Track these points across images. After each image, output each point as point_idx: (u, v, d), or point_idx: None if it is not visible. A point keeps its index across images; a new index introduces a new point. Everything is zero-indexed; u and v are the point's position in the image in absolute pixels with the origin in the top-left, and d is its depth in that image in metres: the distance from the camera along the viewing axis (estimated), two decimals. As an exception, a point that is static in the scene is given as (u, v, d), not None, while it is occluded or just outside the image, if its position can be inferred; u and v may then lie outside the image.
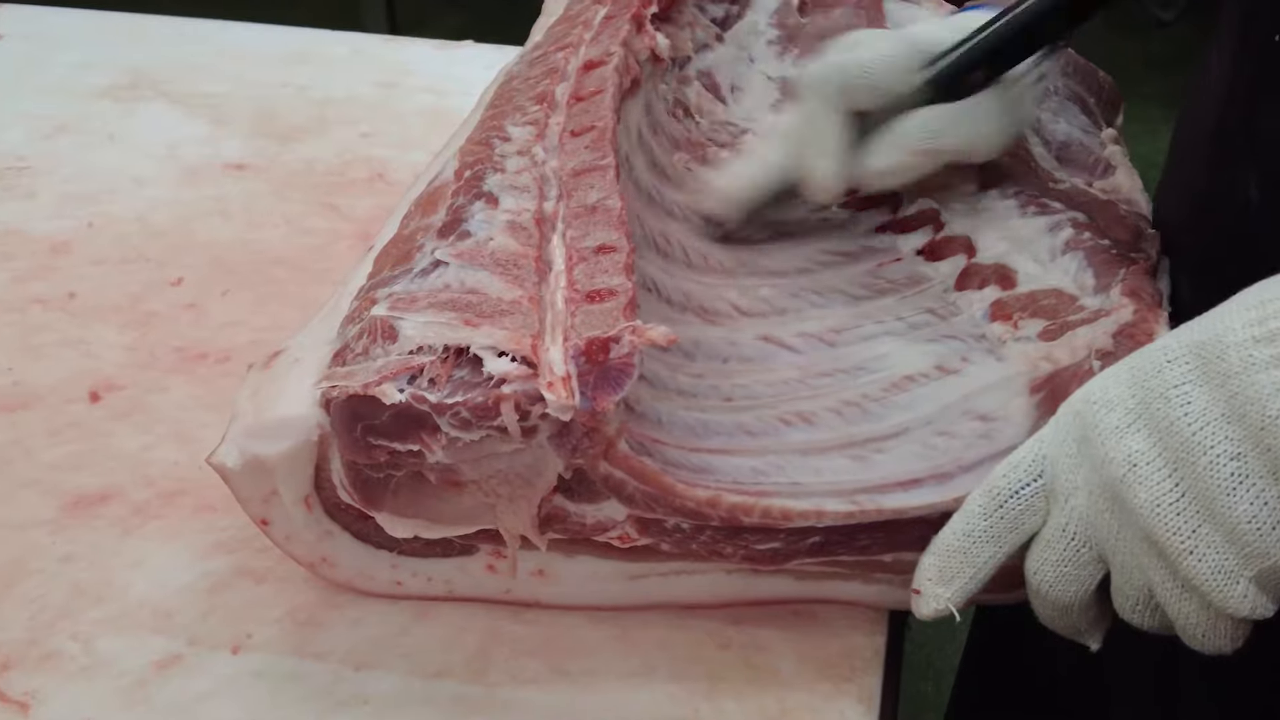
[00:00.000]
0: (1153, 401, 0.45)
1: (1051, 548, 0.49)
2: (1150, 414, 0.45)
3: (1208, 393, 0.44)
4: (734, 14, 0.93)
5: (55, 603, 0.60)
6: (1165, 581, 0.46)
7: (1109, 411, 0.47)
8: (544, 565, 0.58)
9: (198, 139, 0.94)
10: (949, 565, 0.51)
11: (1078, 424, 0.48)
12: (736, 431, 0.60)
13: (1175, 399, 0.45)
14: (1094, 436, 0.47)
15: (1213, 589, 0.45)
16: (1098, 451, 0.47)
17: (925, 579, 0.51)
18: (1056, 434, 0.49)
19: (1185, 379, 0.45)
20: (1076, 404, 0.49)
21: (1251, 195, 0.61)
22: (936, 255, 0.71)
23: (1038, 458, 0.49)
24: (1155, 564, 0.46)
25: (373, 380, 0.50)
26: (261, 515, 0.56)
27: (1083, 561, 0.49)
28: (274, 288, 0.79)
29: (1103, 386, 0.48)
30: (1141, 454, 0.45)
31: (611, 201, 0.60)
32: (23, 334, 0.75)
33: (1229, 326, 0.44)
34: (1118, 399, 0.47)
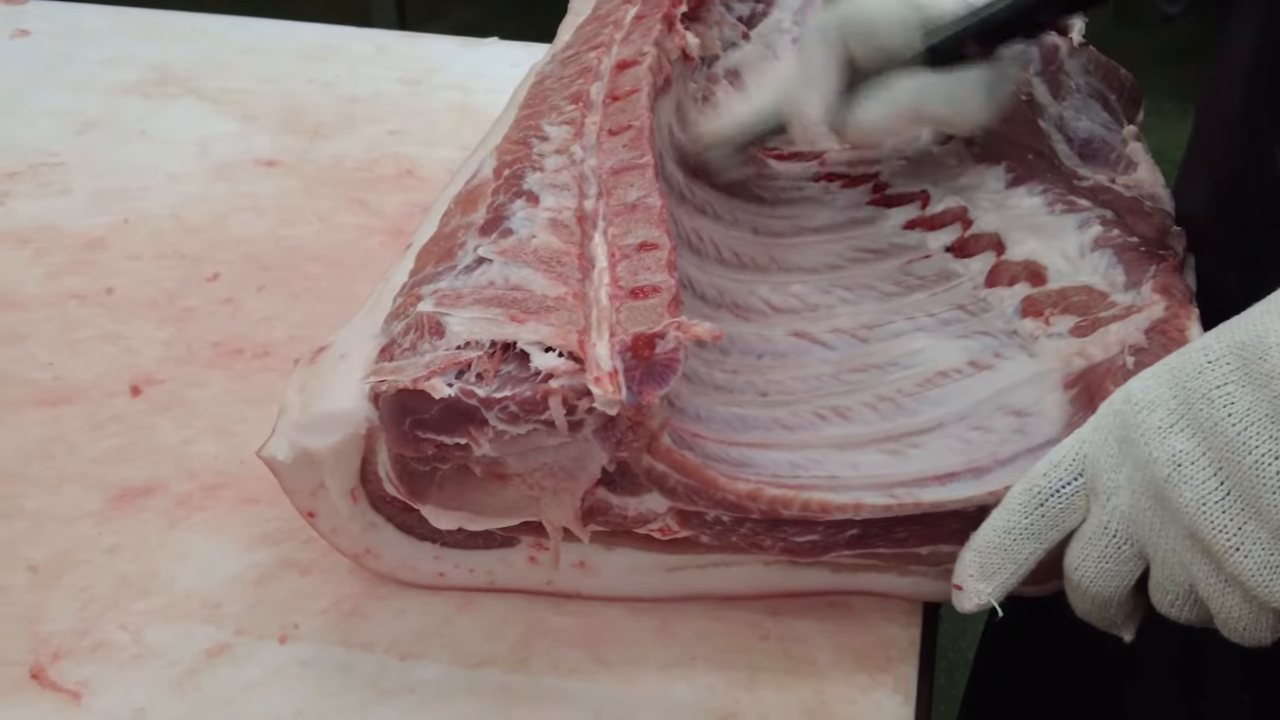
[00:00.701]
0: (1195, 402, 0.46)
1: (1093, 545, 0.50)
2: (1193, 414, 0.46)
3: (1251, 393, 0.45)
4: (759, 12, 0.94)
5: (103, 594, 0.61)
6: (1209, 577, 0.47)
7: (1151, 412, 0.48)
8: (585, 557, 0.59)
9: (228, 135, 0.95)
10: (990, 561, 0.52)
11: (1119, 424, 0.49)
12: (773, 426, 0.61)
13: (1218, 400, 0.46)
14: (1137, 437, 0.48)
15: (1259, 584, 0.46)
16: (1141, 452, 0.48)
17: (967, 575, 0.52)
18: (1097, 433, 0.50)
19: (1227, 380, 0.46)
20: (1117, 404, 0.49)
21: (1278, 168, 0.62)
22: (966, 252, 0.72)
23: (1078, 456, 0.50)
24: (1199, 560, 0.47)
25: (422, 375, 0.51)
26: (308, 508, 0.57)
27: (1124, 558, 0.50)
28: (308, 283, 0.80)
29: (1144, 387, 0.49)
30: (1186, 454, 0.46)
31: (652, 199, 0.60)
32: (62, 329, 0.76)
33: (1270, 328, 0.45)
34: (1159, 400, 0.48)
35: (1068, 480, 0.51)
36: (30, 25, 1.11)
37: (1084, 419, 0.57)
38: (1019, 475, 0.55)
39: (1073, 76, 0.92)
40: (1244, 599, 0.47)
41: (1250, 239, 0.66)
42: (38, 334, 0.76)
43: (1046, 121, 0.87)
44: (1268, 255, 0.65)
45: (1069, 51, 0.93)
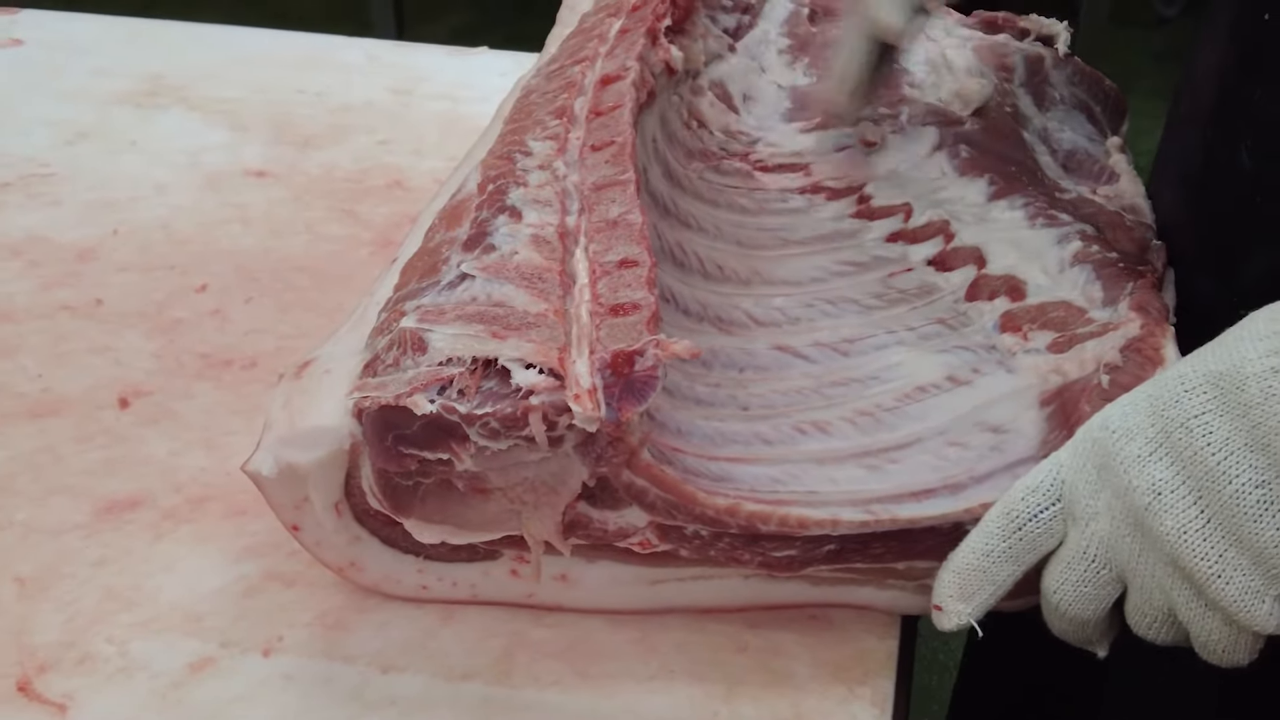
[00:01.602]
0: (1174, 431, 0.47)
1: (1072, 569, 0.51)
2: (1172, 443, 0.47)
3: (1229, 422, 0.46)
4: (745, 24, 0.95)
5: (89, 606, 0.61)
6: (1189, 602, 0.48)
7: (1129, 440, 0.48)
8: (566, 570, 0.60)
9: (217, 146, 0.96)
10: (969, 583, 0.53)
11: (1097, 451, 0.50)
12: (753, 440, 0.61)
13: (1197, 429, 0.46)
14: (1116, 465, 0.49)
15: (1239, 610, 0.47)
16: (1120, 479, 0.48)
17: (946, 595, 0.53)
18: (1075, 458, 0.51)
19: (1205, 408, 0.47)
20: (1095, 430, 0.50)
21: (1245, 164, 0.63)
22: (947, 266, 0.72)
23: (1056, 481, 0.51)
24: (1179, 586, 0.48)
25: (404, 391, 0.52)
26: (293, 521, 0.58)
27: (1102, 582, 0.51)
28: (296, 294, 0.81)
29: (1122, 414, 0.49)
30: (1166, 482, 0.47)
31: (633, 216, 0.61)
32: (52, 341, 0.77)
33: (1245, 357, 0.46)
34: (1137, 428, 0.48)
35: (1046, 505, 0.51)
36: (22, 34, 1.12)
37: (1059, 437, 0.58)
38: (994, 493, 0.56)
39: (1057, 88, 0.93)
40: (1224, 623, 0.48)
41: (1220, 234, 0.68)
42: (28, 346, 0.76)
43: (1031, 133, 0.88)
44: (1238, 250, 0.66)
45: (1054, 62, 0.94)
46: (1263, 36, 0.63)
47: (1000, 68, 0.90)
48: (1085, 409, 0.58)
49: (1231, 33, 0.66)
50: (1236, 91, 0.65)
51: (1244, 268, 0.66)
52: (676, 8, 0.82)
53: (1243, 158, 0.64)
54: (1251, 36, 0.64)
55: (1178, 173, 0.75)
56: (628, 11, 0.81)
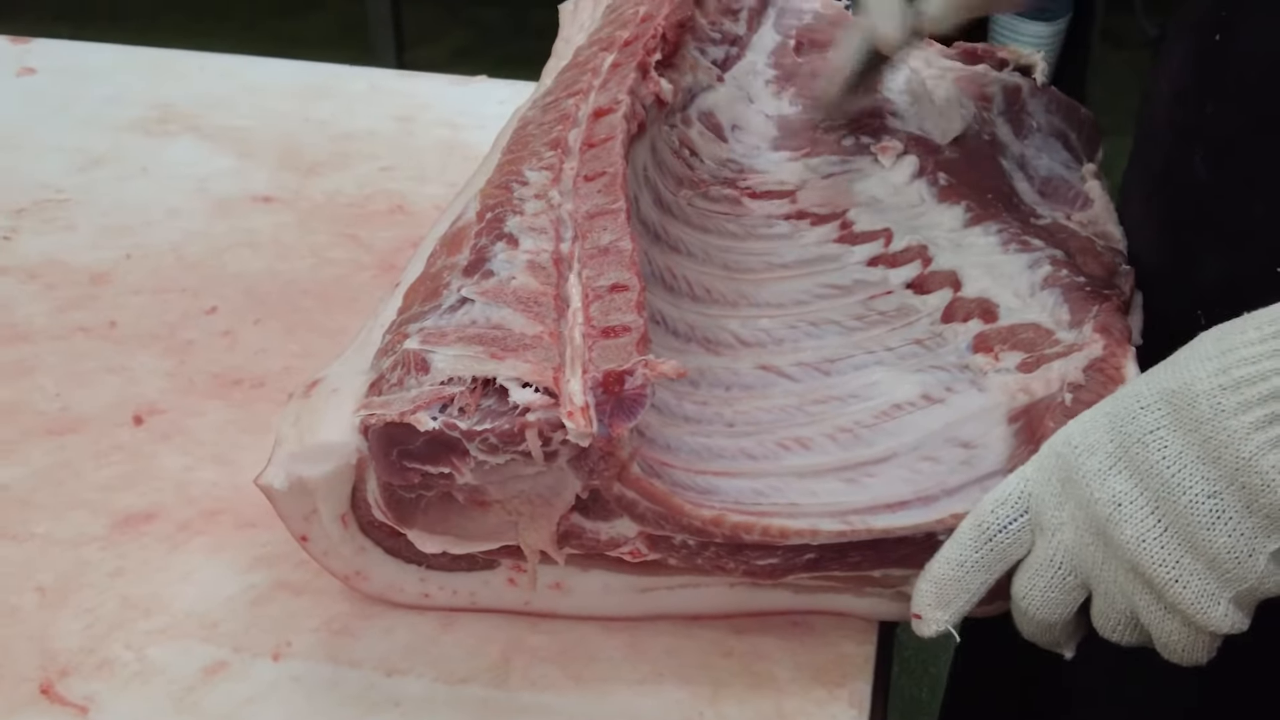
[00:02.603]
0: (1131, 446, 0.51)
1: (1040, 576, 0.55)
2: (1130, 457, 0.51)
3: (1182, 437, 0.49)
4: (733, 55, 0.99)
5: (108, 614, 0.64)
6: (1150, 606, 0.52)
7: (1090, 455, 0.52)
8: (561, 579, 0.63)
9: (226, 172, 0.99)
10: (945, 592, 0.56)
11: (1060, 465, 0.53)
12: (738, 455, 0.65)
13: (1152, 444, 0.50)
14: (1078, 478, 0.52)
15: (1196, 612, 0.50)
16: (1083, 492, 0.52)
17: (925, 604, 0.57)
18: (1040, 472, 0.54)
19: (1159, 424, 0.50)
20: (1058, 445, 0.54)
21: (1199, 171, 0.68)
22: (924, 289, 0.76)
23: (1023, 494, 0.55)
24: (1140, 590, 0.52)
25: (408, 409, 0.55)
26: (302, 532, 0.61)
27: (1068, 588, 0.54)
28: (302, 316, 0.84)
29: (1082, 430, 0.53)
30: (1125, 494, 0.51)
31: (624, 243, 0.65)
32: (68, 361, 0.80)
33: (1195, 376, 0.49)
34: (1098, 444, 0.52)
35: (1014, 517, 0.55)
36: (35, 63, 1.15)
37: (1025, 452, 0.62)
38: (965, 504, 0.60)
39: (1034, 116, 0.97)
40: (1183, 624, 0.52)
41: (1178, 218, 0.72)
42: (45, 366, 0.80)
43: (1008, 160, 0.92)
44: (1193, 231, 0.70)
45: (1031, 92, 0.98)
46: (1213, 56, 0.67)
47: (979, 97, 0.94)
48: (1049, 425, 0.62)
49: (1186, 51, 0.71)
50: (1192, 106, 0.69)
51: (1201, 274, 0.70)
52: (666, 42, 0.86)
53: (1197, 168, 0.68)
54: (1204, 55, 0.68)
55: (1141, 183, 0.80)
56: (619, 46, 0.85)
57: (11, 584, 0.66)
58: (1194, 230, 0.71)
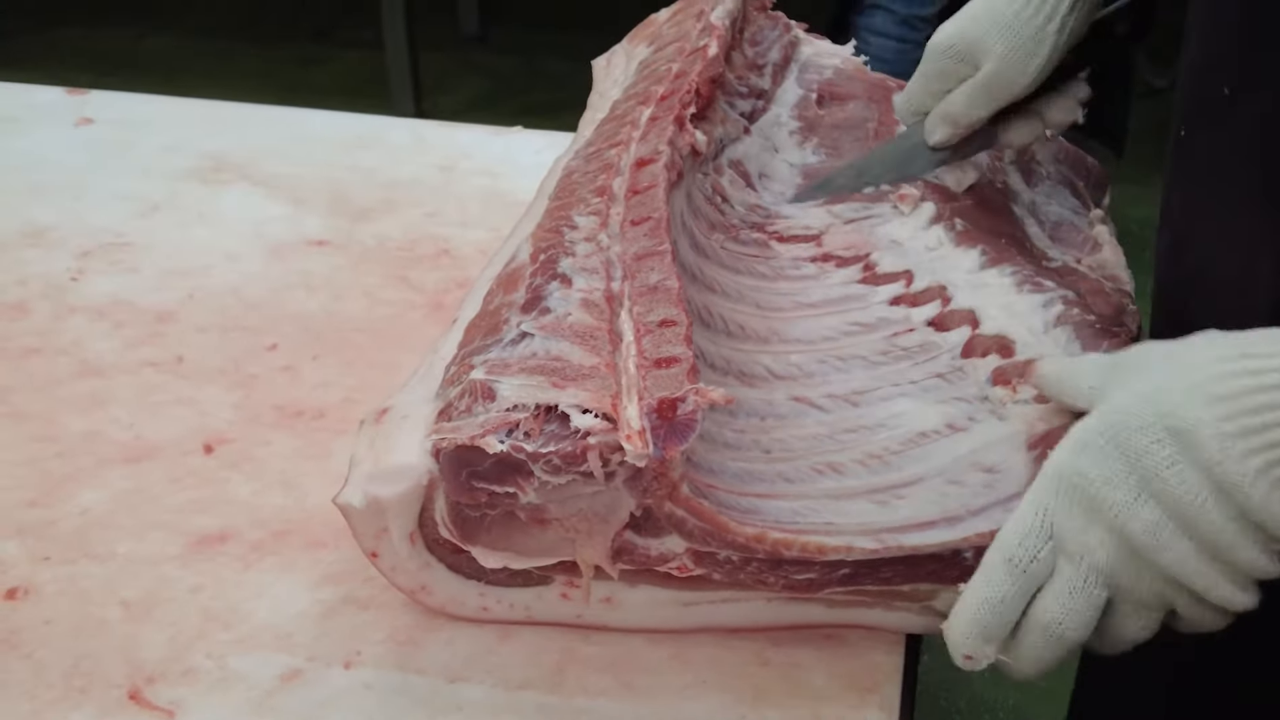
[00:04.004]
0: (1151, 480, 0.56)
1: (1073, 597, 0.59)
2: (1153, 490, 0.56)
3: (1197, 473, 0.55)
4: (759, 108, 1.05)
5: (189, 626, 0.69)
6: (1189, 604, 0.58)
7: (1114, 488, 0.57)
8: (611, 593, 0.68)
9: (280, 218, 1.05)
10: (989, 628, 0.60)
11: (1080, 496, 0.58)
12: (776, 479, 0.70)
13: (1171, 479, 0.56)
14: (1105, 509, 0.57)
15: (1230, 603, 0.57)
16: (1114, 521, 0.57)
17: (973, 644, 0.60)
18: (1059, 501, 0.59)
19: (1174, 460, 0.56)
20: (1070, 477, 0.59)
21: (1175, 209, 0.74)
22: (944, 326, 0.81)
23: (1044, 524, 0.59)
24: (1180, 595, 0.58)
25: (477, 433, 0.60)
26: (372, 549, 0.66)
27: (1096, 604, 0.59)
28: (357, 352, 0.90)
29: (1094, 462, 0.58)
30: (1158, 523, 0.56)
31: (670, 282, 0.70)
32: (139, 394, 0.85)
33: (1201, 419, 0.55)
34: (1117, 476, 0.57)
35: (1040, 546, 0.60)
36: (93, 114, 1.22)
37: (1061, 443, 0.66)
38: (988, 524, 0.65)
39: (1044, 165, 1.03)
40: (1214, 611, 0.58)
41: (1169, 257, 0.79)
42: (118, 399, 0.85)
43: (1020, 207, 0.97)
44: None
45: (1041, 143, 1.03)
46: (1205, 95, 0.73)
47: (992, 148, 0.99)
48: None
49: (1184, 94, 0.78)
50: (1174, 151, 0.76)
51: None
52: (700, 97, 0.92)
53: (1175, 210, 0.75)
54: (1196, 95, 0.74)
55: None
56: (656, 100, 0.91)
57: (98, 599, 0.71)
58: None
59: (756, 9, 1.11)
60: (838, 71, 1.09)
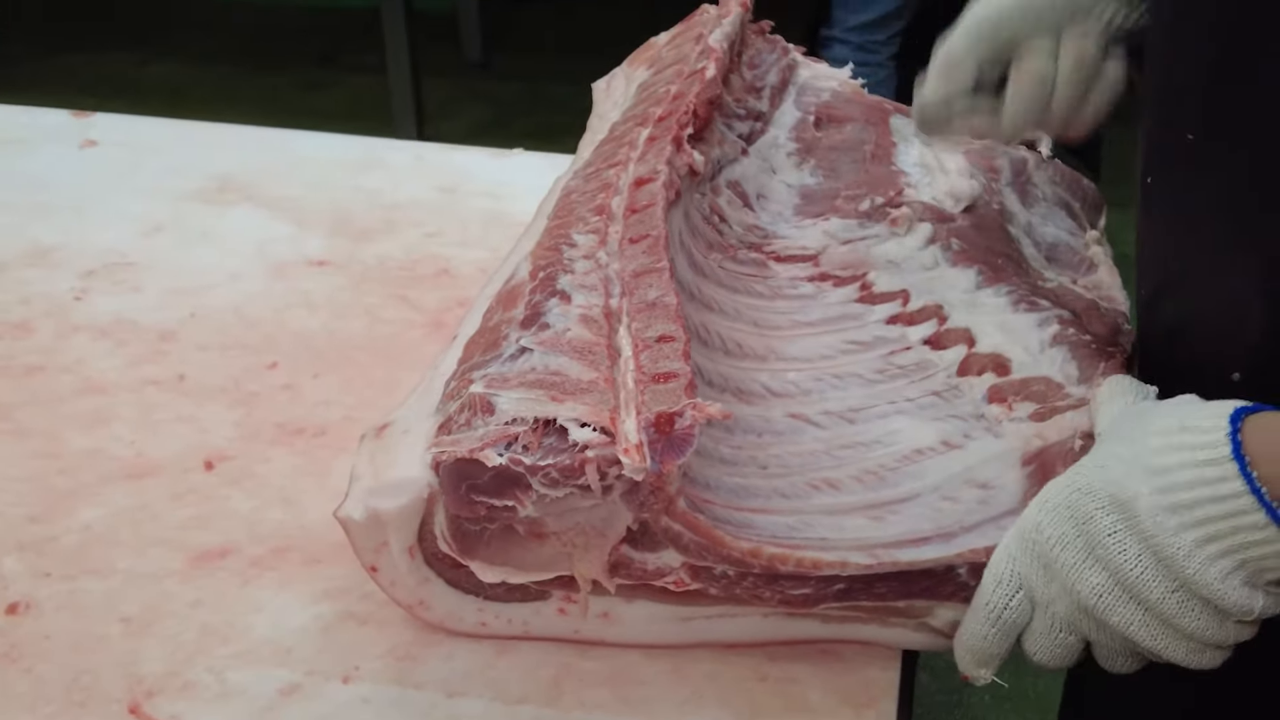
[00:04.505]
0: (1095, 546, 0.59)
1: (1044, 639, 0.63)
2: (1097, 555, 0.59)
3: (1137, 542, 0.58)
4: (757, 130, 1.05)
5: (189, 641, 0.69)
6: (1143, 650, 0.60)
7: (1063, 549, 0.60)
8: (608, 609, 0.68)
9: (282, 238, 1.06)
10: (981, 655, 0.64)
11: (1037, 553, 0.61)
12: (772, 495, 0.70)
13: (1113, 546, 0.58)
14: (1057, 568, 0.60)
15: (1187, 663, 0.59)
16: (1066, 581, 0.60)
17: (969, 667, 0.65)
18: (1022, 554, 0.62)
19: (1115, 528, 0.58)
20: (1030, 532, 0.62)
21: (1150, 259, 0.75)
22: (941, 345, 0.81)
23: (1014, 574, 0.63)
24: (1132, 648, 0.60)
25: (477, 446, 0.61)
26: (372, 563, 0.66)
27: (1069, 645, 0.62)
28: (358, 370, 0.90)
29: (1050, 521, 0.61)
30: (1104, 587, 0.59)
31: (668, 298, 0.71)
32: (141, 412, 0.86)
33: (1139, 491, 0.57)
34: (1066, 537, 0.60)
35: (1011, 594, 0.63)
36: (97, 136, 1.23)
37: (1038, 492, 0.67)
38: (982, 540, 0.66)
39: (1040, 187, 1.04)
40: (1180, 657, 0.59)
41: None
42: (120, 416, 0.86)
43: (1016, 227, 0.98)
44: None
45: (1037, 164, 1.04)
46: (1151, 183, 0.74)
47: (988, 169, 1.00)
48: (1059, 469, 0.68)
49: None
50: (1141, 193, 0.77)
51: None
52: (697, 118, 0.93)
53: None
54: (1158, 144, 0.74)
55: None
56: (654, 121, 0.92)
57: (98, 615, 0.71)
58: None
59: (755, 32, 1.12)
60: (835, 94, 1.10)
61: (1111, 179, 0.94)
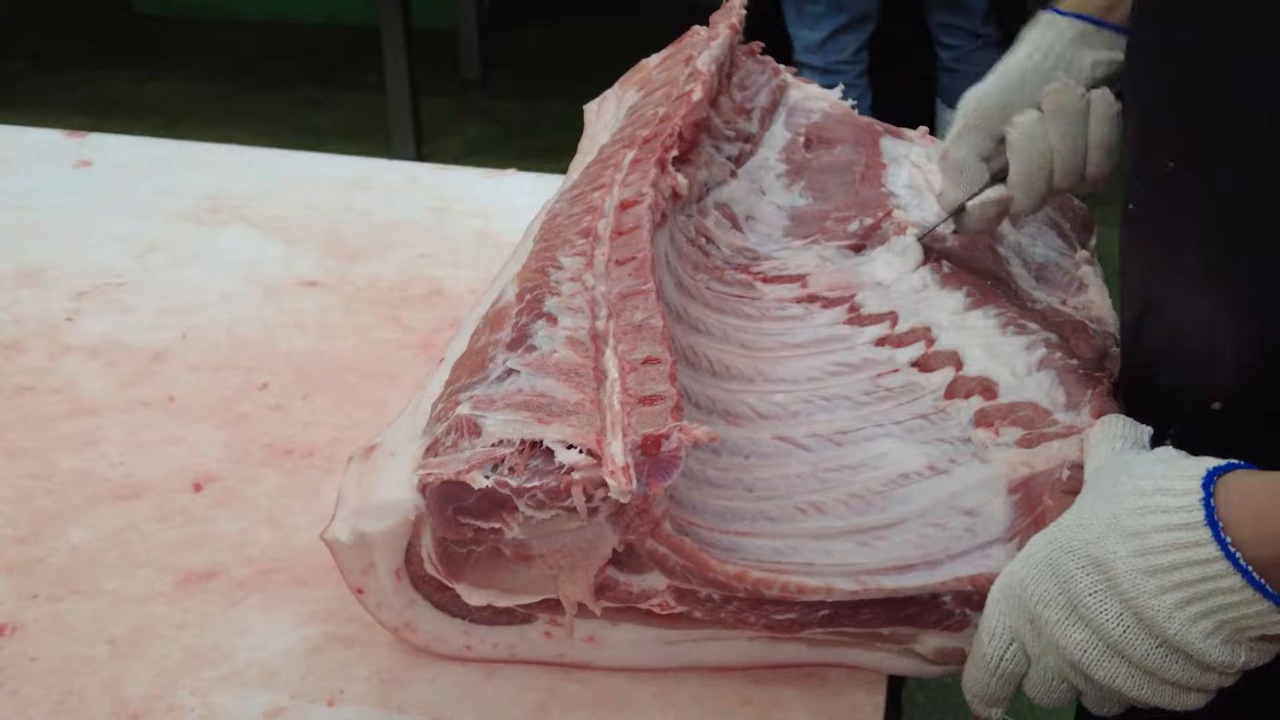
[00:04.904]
0: (1077, 605, 0.59)
1: (1039, 687, 0.63)
2: (1080, 613, 0.59)
3: (1118, 602, 0.58)
4: (746, 151, 1.06)
5: (174, 663, 0.69)
6: (1129, 700, 0.60)
7: (1046, 606, 0.61)
8: (594, 632, 0.68)
9: (274, 259, 1.06)
10: (990, 699, 0.65)
11: (1023, 609, 0.62)
12: (758, 518, 0.70)
13: (1095, 605, 0.59)
14: (1042, 624, 0.61)
15: (1175, 706, 0.59)
16: (1051, 637, 0.61)
17: (979, 706, 0.65)
18: (1012, 609, 0.63)
19: (1096, 588, 0.59)
20: (1015, 588, 0.62)
21: (1133, 286, 0.75)
22: (928, 367, 0.82)
23: (1005, 628, 0.63)
24: (1118, 697, 0.60)
25: (463, 468, 0.61)
26: (358, 585, 0.66)
27: (1064, 691, 0.63)
28: (347, 391, 0.91)
29: (1034, 578, 0.61)
30: (1088, 643, 0.59)
31: (655, 320, 0.71)
32: (131, 432, 0.86)
33: (1117, 554, 0.58)
34: (1050, 595, 0.60)
35: (1005, 646, 0.63)
36: (91, 156, 1.23)
37: (1024, 523, 0.68)
38: (967, 568, 0.67)
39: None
40: (1166, 701, 0.60)
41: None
42: (110, 437, 0.86)
43: (1006, 248, 0.98)
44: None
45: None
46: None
47: (977, 191, 1.00)
48: (1047, 501, 0.68)
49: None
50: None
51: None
52: (683, 140, 0.93)
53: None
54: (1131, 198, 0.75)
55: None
56: (640, 144, 0.92)
57: (84, 636, 0.71)
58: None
59: (746, 53, 1.13)
60: (826, 115, 1.11)
61: (1101, 198, 0.94)
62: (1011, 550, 0.67)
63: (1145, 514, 0.58)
